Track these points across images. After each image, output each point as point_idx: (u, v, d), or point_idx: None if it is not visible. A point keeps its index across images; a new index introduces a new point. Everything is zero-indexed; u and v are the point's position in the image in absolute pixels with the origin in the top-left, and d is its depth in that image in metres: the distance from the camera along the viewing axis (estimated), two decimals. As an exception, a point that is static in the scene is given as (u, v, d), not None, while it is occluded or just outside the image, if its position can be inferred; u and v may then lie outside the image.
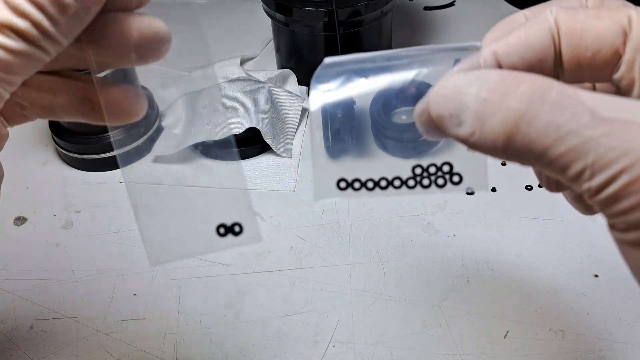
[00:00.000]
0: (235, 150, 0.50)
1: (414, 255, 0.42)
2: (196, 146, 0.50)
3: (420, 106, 0.23)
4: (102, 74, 0.33)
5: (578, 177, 0.17)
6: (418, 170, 0.26)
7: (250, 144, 0.51)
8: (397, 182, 0.27)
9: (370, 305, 0.39)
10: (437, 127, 0.20)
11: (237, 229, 0.27)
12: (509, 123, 0.18)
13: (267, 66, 0.62)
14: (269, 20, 0.57)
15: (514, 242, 0.43)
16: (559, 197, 0.46)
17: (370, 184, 0.27)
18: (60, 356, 0.38)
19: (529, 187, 0.47)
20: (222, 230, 0.27)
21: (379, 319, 0.39)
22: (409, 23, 0.68)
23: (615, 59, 0.20)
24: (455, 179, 0.26)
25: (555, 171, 0.18)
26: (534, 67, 0.21)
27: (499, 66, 0.21)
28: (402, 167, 0.26)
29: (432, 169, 0.26)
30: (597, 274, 0.40)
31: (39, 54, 0.20)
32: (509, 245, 0.42)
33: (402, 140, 0.49)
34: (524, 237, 0.43)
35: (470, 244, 0.43)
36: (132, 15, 0.23)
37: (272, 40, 0.60)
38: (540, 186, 0.47)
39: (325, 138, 0.55)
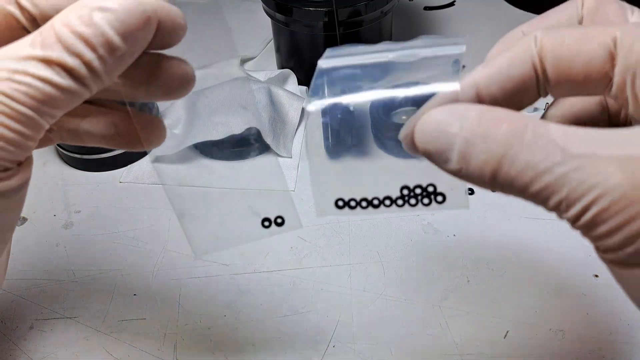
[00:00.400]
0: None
1: (414, 255, 0.42)
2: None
3: (404, 131, 0.24)
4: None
5: (557, 208, 0.19)
6: (405, 192, 0.29)
7: (248, 144, 0.51)
8: (387, 202, 0.30)
9: (370, 305, 0.39)
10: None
11: (279, 220, 0.30)
12: (492, 164, 0.19)
13: (267, 66, 0.62)
14: (269, 20, 0.57)
15: (514, 242, 0.43)
16: (559, 197, 0.46)
17: (364, 203, 0.30)
18: (60, 356, 0.38)
19: (529, 187, 0.47)
20: (266, 223, 0.30)
21: (379, 319, 0.39)
22: (409, 23, 0.68)
23: (606, 80, 0.21)
24: (439, 198, 0.28)
25: (537, 203, 0.20)
26: (515, 96, 0.22)
27: (480, 96, 0.22)
28: (392, 187, 0.29)
29: (418, 190, 0.28)
30: (597, 274, 0.40)
31: (82, 91, 0.21)
32: (509, 245, 0.42)
33: (402, 140, 0.49)
34: (524, 237, 0.43)
35: (470, 244, 0.43)
36: (165, 57, 0.24)
37: (272, 40, 0.60)
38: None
39: (325, 138, 0.55)
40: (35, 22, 0.24)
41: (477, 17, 0.68)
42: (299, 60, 0.57)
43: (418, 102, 0.25)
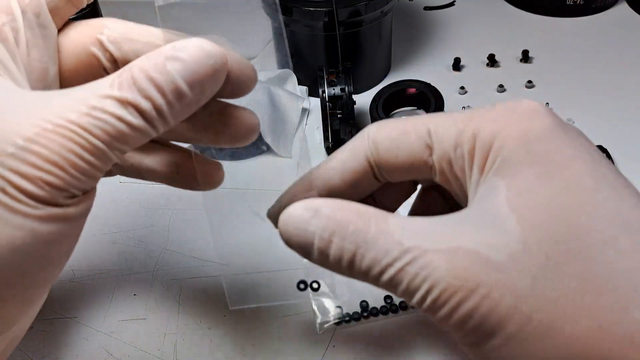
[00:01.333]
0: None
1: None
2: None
3: (270, 213, 0.29)
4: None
5: (404, 295, 0.21)
6: (389, 300, 0.39)
7: (250, 143, 0.51)
8: (374, 311, 0.38)
9: (371, 305, 0.39)
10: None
11: (315, 285, 0.32)
12: (346, 259, 0.22)
13: (267, 66, 0.62)
14: (269, 20, 0.57)
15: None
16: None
17: (356, 316, 0.38)
18: (60, 356, 0.38)
19: (528, 187, 0.47)
20: (301, 286, 0.32)
21: (379, 318, 0.39)
22: (409, 23, 0.68)
23: (428, 167, 0.24)
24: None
25: (390, 291, 0.22)
26: (355, 184, 0.26)
27: (328, 187, 0.26)
28: (376, 297, 0.39)
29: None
30: (597, 274, 0.40)
31: (150, 130, 0.23)
32: (509, 245, 0.42)
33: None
34: (524, 237, 0.43)
35: (470, 244, 0.43)
36: (233, 106, 0.26)
37: (272, 40, 0.61)
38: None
39: (325, 138, 0.56)
40: (116, 63, 0.26)
41: (477, 17, 0.68)
42: (299, 60, 0.57)
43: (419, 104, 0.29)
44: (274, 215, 0.28)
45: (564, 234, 0.20)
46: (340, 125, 0.48)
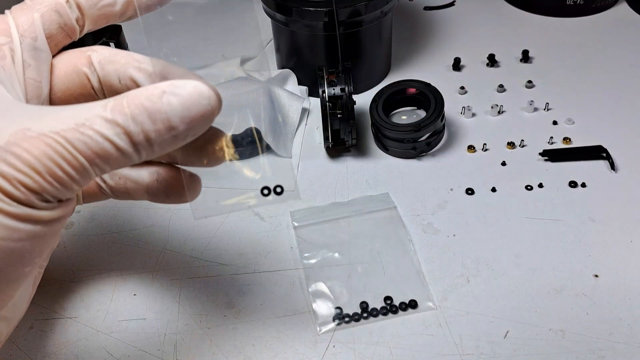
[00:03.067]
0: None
1: (414, 255, 0.42)
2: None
3: None
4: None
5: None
6: (388, 300, 0.39)
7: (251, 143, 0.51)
8: (374, 312, 0.39)
9: (370, 305, 0.39)
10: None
11: (278, 189, 0.32)
12: None
13: (267, 66, 0.62)
14: (269, 20, 0.57)
15: (514, 242, 0.43)
16: (559, 197, 0.46)
17: (356, 317, 0.39)
18: (60, 356, 0.38)
19: (529, 187, 0.47)
20: (265, 192, 0.31)
21: (378, 318, 0.39)
22: (409, 23, 0.68)
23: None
24: (412, 303, 0.39)
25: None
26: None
27: None
28: (375, 298, 0.39)
29: (388, 301, 0.39)
30: (597, 274, 0.40)
31: (133, 155, 0.24)
32: (509, 245, 0.42)
33: (402, 140, 0.50)
34: (524, 237, 0.43)
35: (470, 244, 0.43)
36: (215, 128, 0.28)
37: (272, 40, 0.61)
38: (540, 186, 0.47)
39: (325, 138, 0.56)
40: (101, 84, 0.29)
41: (477, 17, 0.68)
42: (299, 60, 0.57)
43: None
44: None
45: None
46: (340, 125, 0.48)
